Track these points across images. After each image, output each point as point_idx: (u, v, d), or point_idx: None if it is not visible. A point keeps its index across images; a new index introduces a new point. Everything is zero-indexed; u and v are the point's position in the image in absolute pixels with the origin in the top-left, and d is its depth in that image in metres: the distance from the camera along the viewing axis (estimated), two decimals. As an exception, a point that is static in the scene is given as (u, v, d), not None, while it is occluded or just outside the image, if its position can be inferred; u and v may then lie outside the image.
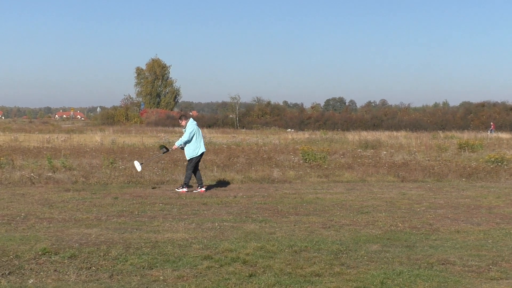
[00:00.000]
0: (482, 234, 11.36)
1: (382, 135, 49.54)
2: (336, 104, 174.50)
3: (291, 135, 54.34)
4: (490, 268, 8.84)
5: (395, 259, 9.30)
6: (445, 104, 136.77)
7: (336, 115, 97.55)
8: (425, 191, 17.87)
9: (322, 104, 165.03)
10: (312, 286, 7.88)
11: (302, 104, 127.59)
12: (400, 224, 12.29)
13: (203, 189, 17.44)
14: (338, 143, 39.31)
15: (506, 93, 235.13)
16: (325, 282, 8.02)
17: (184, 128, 17.69)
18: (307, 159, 24.64)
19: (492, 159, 25.00)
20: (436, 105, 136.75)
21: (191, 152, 17.47)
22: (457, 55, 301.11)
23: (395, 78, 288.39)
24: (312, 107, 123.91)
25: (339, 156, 27.96)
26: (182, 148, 17.75)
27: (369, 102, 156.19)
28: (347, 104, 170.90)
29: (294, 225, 12.12)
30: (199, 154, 17.55)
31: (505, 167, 23.63)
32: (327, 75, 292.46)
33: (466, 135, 51.09)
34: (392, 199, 16.01)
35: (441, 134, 54.41)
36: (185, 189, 17.30)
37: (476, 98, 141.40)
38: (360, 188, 18.63)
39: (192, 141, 17.45)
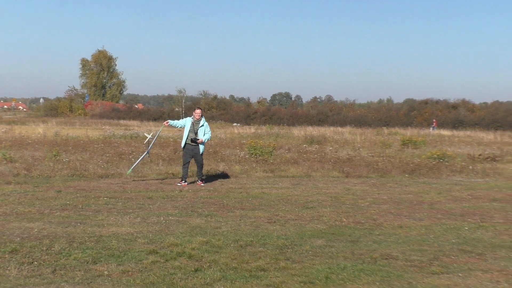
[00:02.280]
0: (424, 229, 11.56)
1: (328, 131, 49.98)
2: (282, 99, 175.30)
3: (237, 129, 54.37)
4: (432, 262, 9.00)
5: (340, 254, 9.39)
6: (389, 100, 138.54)
7: (282, 110, 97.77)
8: (369, 187, 18.09)
9: (269, 99, 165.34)
10: (258, 280, 7.90)
11: (248, 99, 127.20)
12: (345, 219, 12.42)
13: (186, 183, 17.79)
14: (284, 138, 39.50)
15: (448, 91, 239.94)
16: (271, 277, 8.05)
17: (198, 121, 17.91)
18: (253, 153, 24.68)
19: (434, 155, 25.48)
20: (380, 101, 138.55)
21: (202, 147, 18.09)
22: (402, 52, 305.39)
23: (340, 74, 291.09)
24: (258, 102, 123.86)
25: (284, 151, 28.09)
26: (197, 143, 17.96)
27: (315, 98, 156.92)
28: (293, 99, 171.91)
29: (240, 220, 12.14)
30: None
31: (447, 163, 24.09)
32: (274, 70, 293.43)
33: (409, 132, 51.93)
34: (336, 194, 16.16)
35: (385, 130, 55.17)
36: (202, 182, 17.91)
37: (419, 95, 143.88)
38: (305, 183, 18.74)
39: None
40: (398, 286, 7.79)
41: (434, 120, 74.48)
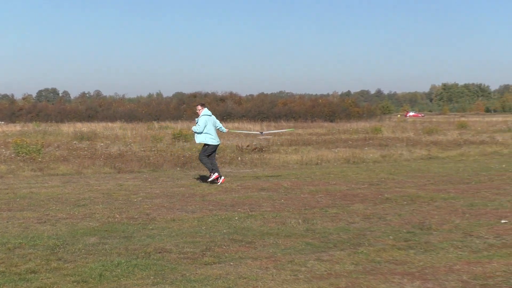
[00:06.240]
0: (197, 221, 11.79)
1: (98, 126, 49.31)
2: (49, 95, 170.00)
3: (1, 127, 51.82)
4: (204, 253, 9.20)
5: (113, 251, 9.31)
6: (159, 95, 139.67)
7: (49, 107, 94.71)
8: (141, 182, 18.11)
9: (34, 95, 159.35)
10: (28, 283, 7.60)
11: (12, 95, 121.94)
12: (118, 215, 12.34)
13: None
14: (52, 135, 38.36)
15: (215, 83, 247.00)
16: (42, 279, 7.79)
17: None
18: (20, 152, 23.72)
19: (205, 148, 26.08)
20: (150, 96, 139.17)
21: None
22: (168, 46, 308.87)
23: (108, 70, 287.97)
24: (23, 98, 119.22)
25: (54, 148, 27.34)
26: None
27: (84, 93, 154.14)
28: (60, 95, 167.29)
29: (7, 222, 11.61)
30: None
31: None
32: (39, 65, 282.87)
33: (180, 125, 52.59)
34: (109, 191, 16.00)
35: (156, 124, 55.40)
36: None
37: (188, 89, 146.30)
38: (77, 180, 18.36)
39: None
40: (172, 279, 7.87)
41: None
